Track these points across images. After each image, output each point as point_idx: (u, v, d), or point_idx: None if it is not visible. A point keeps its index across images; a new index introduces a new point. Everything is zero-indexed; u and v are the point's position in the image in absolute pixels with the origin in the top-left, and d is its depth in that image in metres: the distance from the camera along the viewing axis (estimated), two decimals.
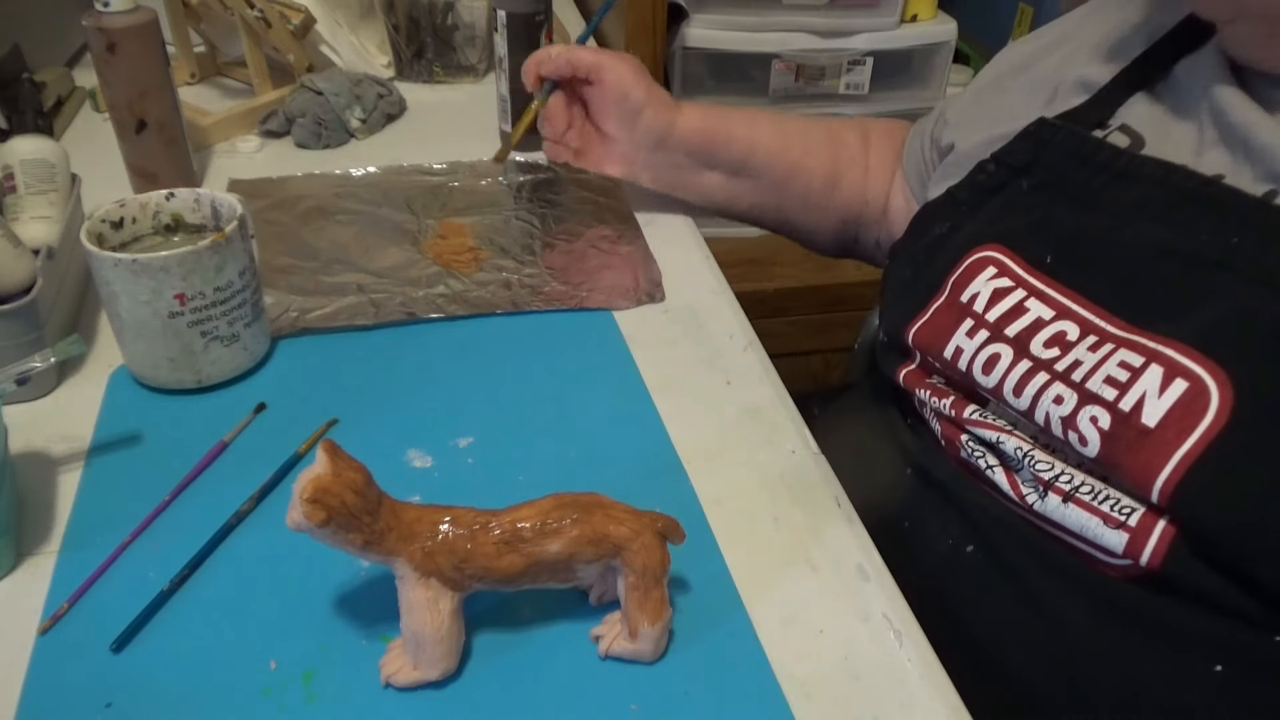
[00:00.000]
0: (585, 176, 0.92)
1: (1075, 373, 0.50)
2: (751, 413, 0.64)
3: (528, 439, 0.61)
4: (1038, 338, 0.52)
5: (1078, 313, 0.52)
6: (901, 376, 0.61)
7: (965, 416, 0.56)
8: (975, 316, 0.55)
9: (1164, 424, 0.45)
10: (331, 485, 0.42)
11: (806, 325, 1.40)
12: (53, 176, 0.74)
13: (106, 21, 0.77)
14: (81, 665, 0.47)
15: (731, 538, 0.55)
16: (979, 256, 0.57)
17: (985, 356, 0.54)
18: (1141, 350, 0.48)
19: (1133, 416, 0.46)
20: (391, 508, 0.45)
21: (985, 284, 0.55)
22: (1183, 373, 0.46)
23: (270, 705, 0.45)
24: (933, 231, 0.62)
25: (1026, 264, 0.55)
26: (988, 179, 0.60)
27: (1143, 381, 0.47)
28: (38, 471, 0.58)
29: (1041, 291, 0.53)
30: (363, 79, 1.02)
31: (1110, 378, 0.48)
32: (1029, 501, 0.52)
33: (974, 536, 0.55)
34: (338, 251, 0.79)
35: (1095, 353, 0.49)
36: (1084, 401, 0.49)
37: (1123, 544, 0.47)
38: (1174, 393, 0.45)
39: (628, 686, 0.47)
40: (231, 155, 0.96)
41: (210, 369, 0.63)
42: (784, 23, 1.30)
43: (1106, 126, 0.57)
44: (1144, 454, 0.45)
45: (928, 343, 0.58)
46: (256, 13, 0.98)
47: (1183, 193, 0.51)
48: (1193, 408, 0.45)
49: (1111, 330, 0.50)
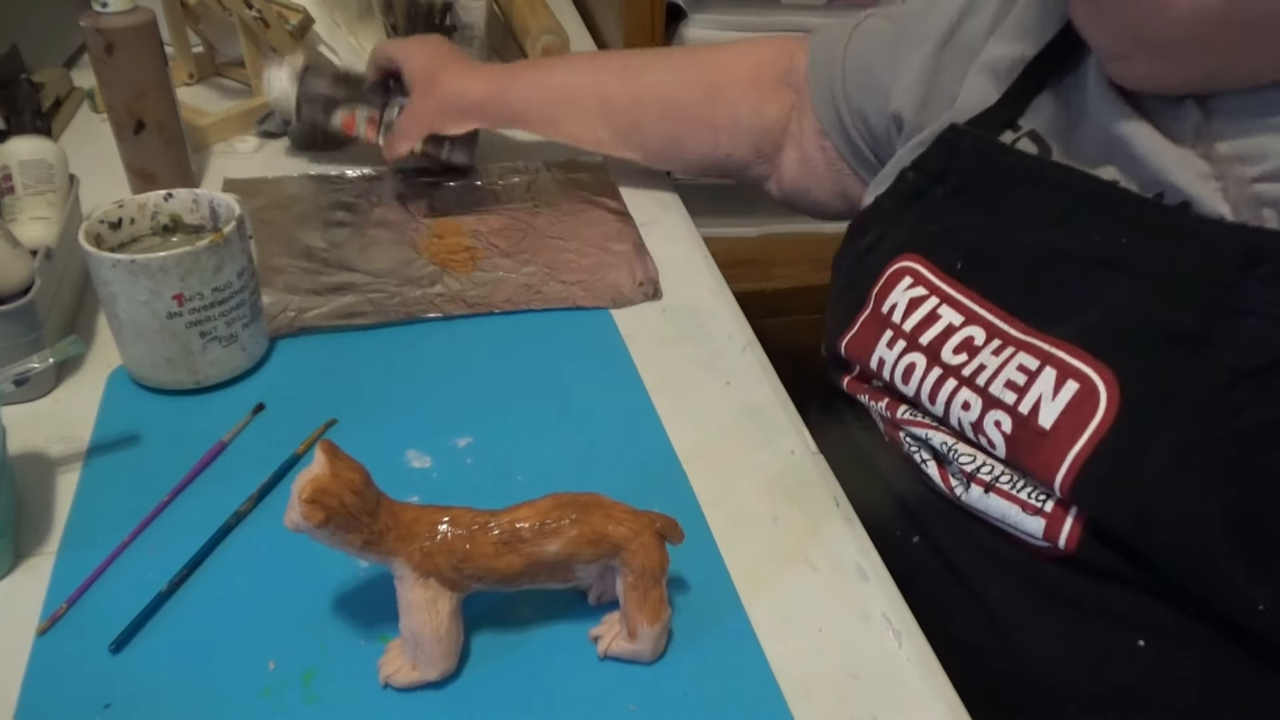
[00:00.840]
0: (582, 176, 0.92)
1: (979, 377, 0.52)
2: (750, 413, 0.64)
3: (526, 439, 0.61)
4: (948, 344, 0.54)
5: (983, 317, 0.54)
6: (845, 384, 0.64)
7: (899, 416, 0.58)
8: (894, 327, 0.57)
9: (1058, 425, 0.47)
10: (330, 485, 0.42)
11: (805, 325, 1.40)
12: (51, 177, 0.74)
13: (105, 22, 0.77)
14: (80, 666, 0.47)
15: (730, 538, 0.55)
16: (897, 267, 0.59)
17: (903, 366, 0.56)
18: (1037, 353, 0.50)
19: (1030, 419, 0.49)
20: (390, 508, 0.44)
21: (902, 294, 0.57)
22: (1073, 374, 0.48)
23: (270, 705, 0.45)
24: (863, 241, 0.64)
25: (939, 271, 0.57)
26: (908, 186, 0.62)
27: (1038, 384, 0.49)
28: (36, 472, 0.58)
29: (952, 298, 0.55)
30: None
31: (1010, 382, 0.50)
32: (957, 492, 0.54)
33: (917, 528, 0.58)
34: (334, 251, 0.79)
35: (998, 356, 0.51)
36: (988, 406, 0.51)
37: (1041, 529, 0.50)
38: (1066, 394, 0.48)
39: (627, 686, 0.47)
40: (230, 155, 0.96)
41: (209, 369, 0.63)
42: (783, 23, 1.30)
43: (1016, 128, 0.58)
44: (1043, 454, 0.48)
45: (857, 354, 0.60)
46: (254, 13, 0.98)
47: (1079, 195, 0.52)
48: (1083, 408, 0.47)
49: (1013, 333, 0.52)
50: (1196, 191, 0.48)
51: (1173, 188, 0.50)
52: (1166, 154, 0.50)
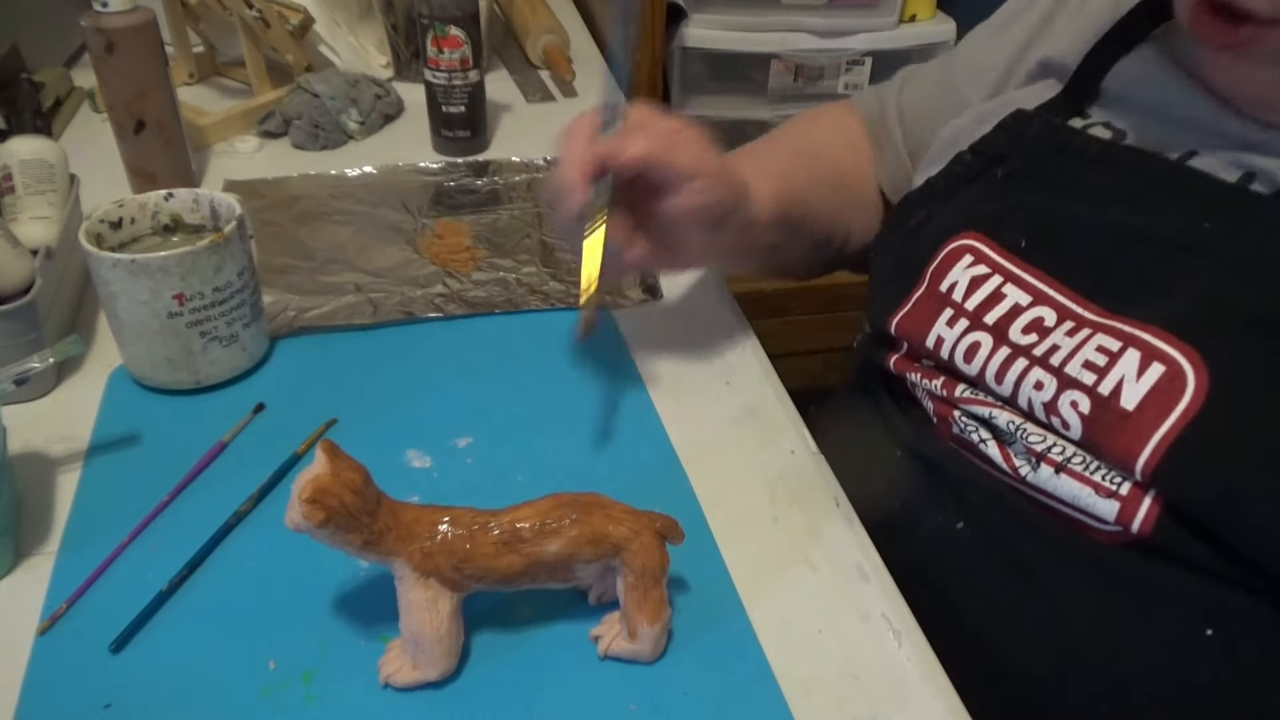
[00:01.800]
0: None
1: (1054, 357, 0.50)
2: (750, 413, 0.64)
3: (526, 439, 0.61)
4: (1016, 324, 0.52)
5: (1054, 298, 0.52)
6: (891, 363, 0.61)
7: (957, 395, 0.56)
8: (954, 305, 0.55)
9: (1142, 407, 0.46)
10: (330, 485, 0.42)
11: (805, 325, 1.40)
12: (51, 177, 0.73)
13: (105, 22, 0.77)
14: (80, 666, 0.47)
15: (731, 538, 0.55)
16: (956, 245, 0.57)
17: (966, 345, 0.54)
18: (1118, 335, 0.48)
19: (1112, 400, 0.47)
20: (390, 508, 0.44)
21: (963, 272, 0.56)
22: (1159, 356, 0.47)
23: (269, 705, 0.45)
24: (911, 221, 0.62)
25: (1002, 249, 0.55)
26: (964, 169, 0.60)
27: (1121, 365, 0.47)
28: (36, 472, 0.58)
29: (1017, 276, 0.54)
30: (360, 80, 1.02)
31: (1089, 362, 0.49)
32: (1022, 473, 0.52)
33: (964, 513, 0.56)
34: (335, 251, 0.79)
35: (1073, 338, 0.50)
36: (1064, 386, 0.49)
37: (1114, 512, 0.48)
38: (1151, 376, 0.46)
39: (627, 686, 0.47)
40: (230, 155, 0.96)
41: (209, 369, 0.63)
42: (783, 23, 1.30)
43: (1087, 116, 0.57)
44: (1124, 436, 0.46)
45: (910, 333, 0.58)
46: (255, 13, 0.98)
47: (1155, 179, 0.51)
48: (1170, 390, 0.46)
49: (1088, 316, 0.50)
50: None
51: (1265, 173, 0.48)
52: (1255, 137, 0.49)
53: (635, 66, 1.23)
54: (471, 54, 0.92)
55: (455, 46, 0.91)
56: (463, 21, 0.90)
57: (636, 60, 1.21)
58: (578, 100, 1.11)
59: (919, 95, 0.73)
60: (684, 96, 1.34)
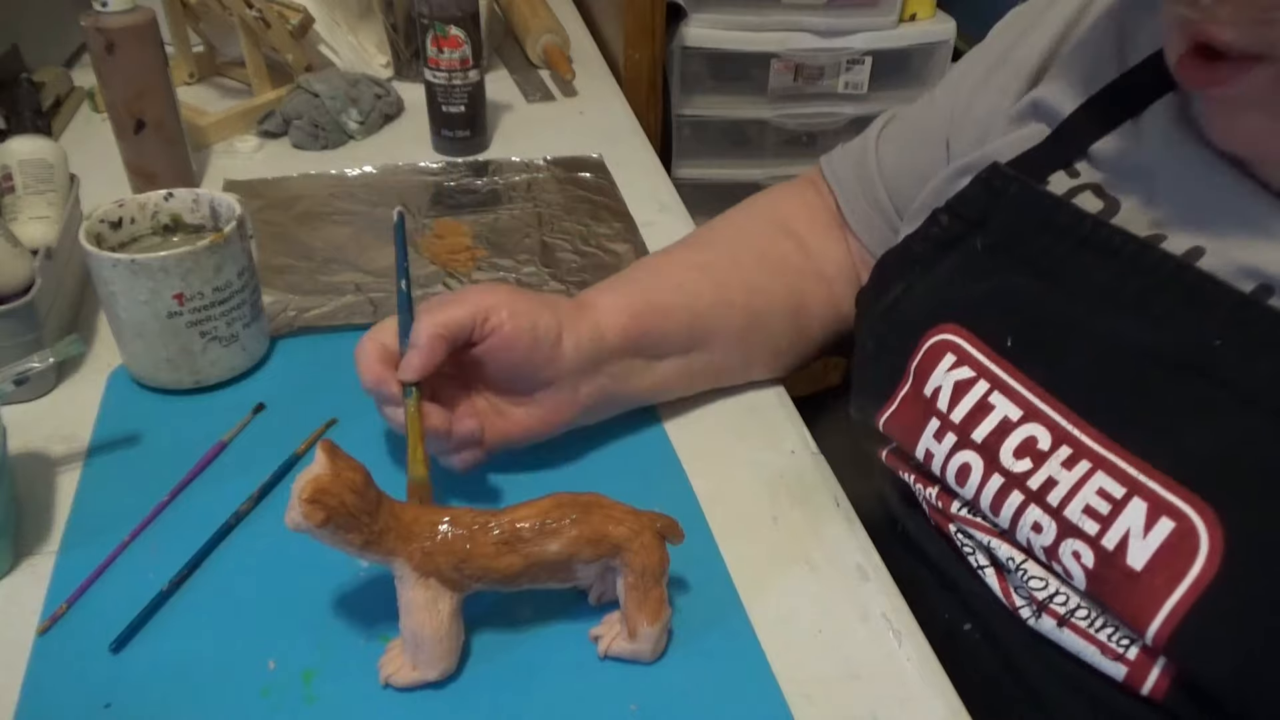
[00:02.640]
0: (581, 175, 0.92)
1: (1050, 494, 0.45)
2: (751, 412, 0.64)
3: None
4: (1006, 444, 0.47)
5: (1046, 414, 0.46)
6: (883, 456, 0.57)
7: (954, 512, 0.51)
8: (940, 416, 0.50)
9: (1151, 568, 0.41)
10: (330, 485, 0.42)
11: None
12: (51, 177, 0.73)
13: (105, 21, 0.77)
14: (80, 666, 0.47)
15: (731, 537, 0.55)
16: (937, 340, 0.51)
17: (956, 466, 0.49)
18: (1121, 478, 0.43)
19: (1117, 557, 0.42)
20: (391, 508, 0.44)
21: (945, 375, 0.50)
22: (1168, 510, 0.41)
23: (269, 705, 0.45)
24: (891, 293, 0.56)
25: (986, 348, 0.49)
26: (941, 231, 0.54)
27: (1125, 517, 0.42)
28: (36, 472, 0.58)
29: (1004, 383, 0.48)
30: (360, 80, 1.02)
31: (1090, 508, 0.44)
32: (1023, 615, 0.48)
33: (970, 617, 0.51)
34: (335, 251, 0.79)
35: (1071, 471, 0.45)
36: (1064, 533, 0.44)
37: (1122, 675, 0.44)
38: (1160, 533, 0.41)
39: (627, 686, 0.47)
40: (230, 155, 0.96)
41: (209, 369, 0.63)
42: (783, 22, 1.30)
43: (1074, 173, 0.51)
44: (1135, 599, 0.42)
45: (900, 437, 0.54)
46: (255, 12, 0.98)
47: (1159, 280, 0.45)
48: (1181, 550, 0.41)
49: (1087, 443, 0.45)
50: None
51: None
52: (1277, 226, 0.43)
53: (630, 64, 1.22)
54: (471, 54, 0.92)
55: (455, 46, 0.91)
56: (463, 21, 0.90)
57: (634, 59, 1.21)
58: (578, 100, 1.12)
59: (899, 154, 0.66)
60: (684, 96, 1.34)
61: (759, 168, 1.41)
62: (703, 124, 1.37)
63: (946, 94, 0.63)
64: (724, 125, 1.38)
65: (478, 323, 0.53)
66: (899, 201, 0.65)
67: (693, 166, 1.39)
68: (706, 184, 1.39)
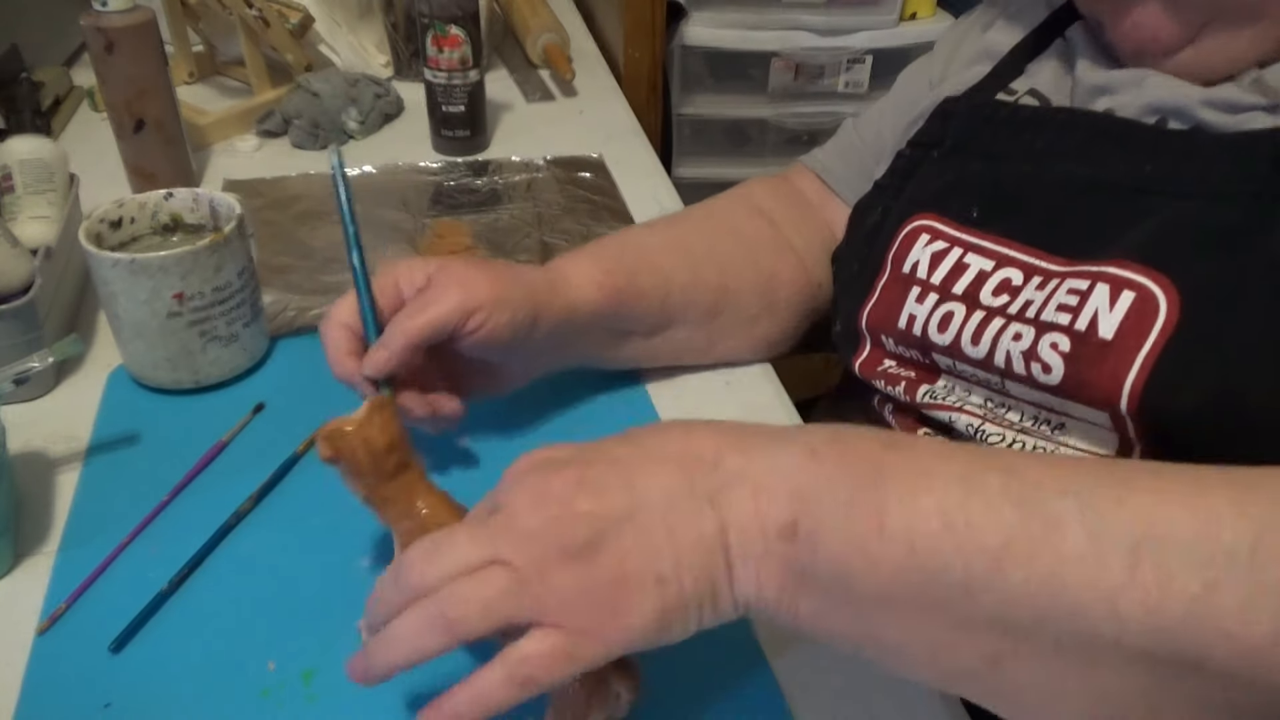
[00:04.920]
0: (581, 175, 0.92)
1: (1029, 310, 0.51)
2: (751, 413, 0.64)
3: (527, 439, 0.61)
4: (985, 288, 0.53)
5: (1017, 258, 0.53)
6: (857, 366, 0.61)
7: (919, 400, 0.56)
8: (921, 283, 0.56)
9: (1121, 332, 0.47)
10: (346, 434, 0.45)
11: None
12: (51, 176, 0.73)
13: (105, 21, 0.77)
14: (80, 665, 0.47)
15: None
16: (910, 228, 0.58)
17: (939, 316, 0.55)
18: (1085, 275, 0.49)
19: (1089, 334, 0.48)
20: (412, 486, 0.46)
21: (923, 250, 0.57)
22: (1128, 285, 0.48)
23: (269, 705, 0.45)
24: (867, 222, 0.63)
25: (956, 223, 0.56)
26: (905, 163, 0.62)
27: (1093, 300, 0.48)
28: (36, 471, 0.58)
29: (976, 245, 0.55)
30: (360, 79, 1.02)
31: (1062, 305, 0.49)
32: None
33: None
34: (335, 251, 0.79)
35: (1043, 290, 0.51)
36: (1041, 331, 0.50)
37: None
38: (1124, 304, 0.47)
39: None
40: (230, 155, 0.96)
41: (209, 369, 0.63)
42: (783, 21, 1.30)
43: (1012, 92, 0.59)
44: (1108, 365, 0.47)
45: (881, 321, 0.58)
46: (255, 12, 0.98)
47: (1090, 131, 0.53)
48: (1144, 312, 0.47)
49: (1054, 268, 0.51)
50: (1204, 116, 0.50)
51: (1173, 112, 0.51)
52: (1167, 84, 0.51)
53: (630, 64, 1.22)
54: (471, 53, 0.92)
55: (455, 46, 0.91)
56: (463, 21, 0.90)
57: (634, 58, 1.21)
58: (577, 99, 1.12)
59: (879, 119, 0.73)
60: (684, 95, 1.34)
61: (759, 167, 1.41)
62: (703, 123, 1.37)
63: (927, 62, 0.72)
64: (724, 124, 1.38)
65: (457, 326, 0.54)
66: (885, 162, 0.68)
67: (693, 166, 1.39)
68: (706, 183, 1.39)
